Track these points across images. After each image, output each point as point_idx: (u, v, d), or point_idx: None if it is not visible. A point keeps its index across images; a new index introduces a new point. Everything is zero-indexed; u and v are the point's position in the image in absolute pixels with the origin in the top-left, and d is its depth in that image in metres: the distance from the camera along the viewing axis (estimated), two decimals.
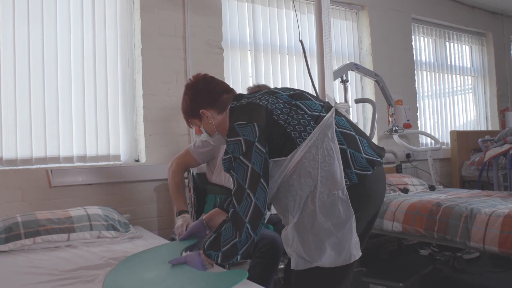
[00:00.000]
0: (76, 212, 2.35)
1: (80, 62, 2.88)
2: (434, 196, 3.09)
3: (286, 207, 1.53)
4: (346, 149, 1.50)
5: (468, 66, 5.58)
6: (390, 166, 4.11)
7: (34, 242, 2.13)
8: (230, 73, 3.48)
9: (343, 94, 3.46)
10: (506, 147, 3.85)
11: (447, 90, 5.27)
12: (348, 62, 3.63)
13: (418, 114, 4.78)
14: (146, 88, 3.01)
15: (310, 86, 2.52)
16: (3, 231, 2.13)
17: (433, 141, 4.66)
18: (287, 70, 3.85)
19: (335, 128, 1.52)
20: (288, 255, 1.55)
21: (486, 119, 5.72)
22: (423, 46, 5.07)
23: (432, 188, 3.63)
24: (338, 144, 1.49)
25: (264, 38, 3.73)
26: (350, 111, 3.54)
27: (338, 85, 3.70)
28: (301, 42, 2.41)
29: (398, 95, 4.38)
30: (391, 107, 3.79)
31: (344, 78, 3.40)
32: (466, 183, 4.57)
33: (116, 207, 2.68)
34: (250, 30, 3.66)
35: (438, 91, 5.16)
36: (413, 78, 4.72)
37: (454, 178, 4.65)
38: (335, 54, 4.15)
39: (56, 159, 2.76)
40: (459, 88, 5.47)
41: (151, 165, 2.97)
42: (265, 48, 3.72)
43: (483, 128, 5.62)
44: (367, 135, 1.75)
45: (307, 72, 2.53)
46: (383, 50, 4.43)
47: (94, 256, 1.96)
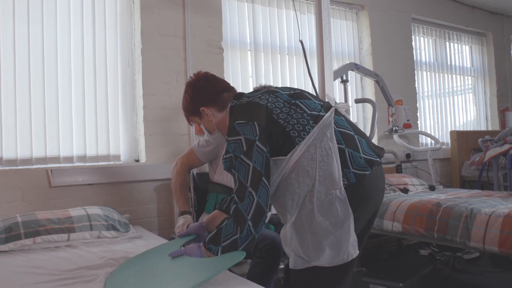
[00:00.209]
0: (76, 212, 2.35)
1: (80, 62, 2.88)
2: (434, 196, 3.09)
3: (284, 206, 1.53)
4: (344, 148, 1.50)
5: (468, 66, 5.58)
6: (390, 166, 4.11)
7: (34, 242, 2.13)
8: (230, 73, 3.48)
9: (343, 94, 3.46)
10: (506, 147, 3.85)
11: (447, 90, 5.27)
12: (348, 62, 3.63)
13: (418, 114, 4.77)
14: (146, 88, 3.01)
15: (310, 86, 2.52)
16: (3, 231, 2.13)
17: (433, 141, 4.65)
18: (287, 70, 3.85)
19: (334, 127, 1.52)
20: (287, 254, 1.55)
21: (486, 119, 5.72)
22: (423, 46, 5.07)
23: (432, 188, 3.63)
24: (336, 143, 1.49)
25: (264, 38, 3.73)
26: (350, 111, 3.54)
27: (338, 85, 3.70)
28: (301, 42, 2.41)
29: (398, 95, 4.38)
30: (391, 107, 3.79)
31: (344, 78, 3.40)
32: (466, 183, 4.57)
33: (116, 207, 2.68)
34: (250, 30, 3.66)
35: (438, 91, 5.16)
36: (413, 78, 4.72)
37: (454, 178, 4.65)
38: (335, 54, 4.15)
39: (56, 159, 2.76)
40: (459, 88, 5.47)
41: (151, 165, 2.97)
42: (265, 48, 3.72)
43: (483, 128, 5.62)
44: (367, 135, 1.75)
45: (307, 72, 2.53)
46: (383, 50, 4.43)
47: (94, 256, 1.96)
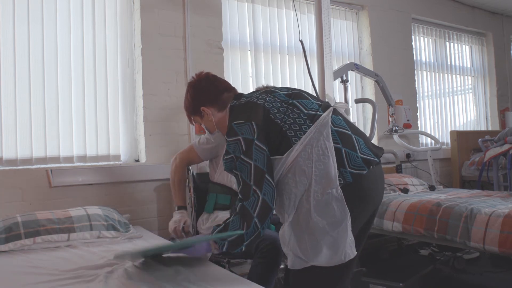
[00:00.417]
0: (76, 212, 2.34)
1: (80, 62, 2.88)
2: (434, 196, 3.09)
3: (282, 206, 1.53)
4: (341, 148, 1.50)
5: (468, 66, 5.58)
6: (390, 166, 4.11)
7: (34, 242, 2.13)
8: (230, 73, 3.48)
9: (343, 94, 3.46)
10: (506, 147, 3.85)
11: (447, 90, 5.27)
12: (348, 62, 3.63)
13: (418, 114, 4.77)
14: (146, 88, 3.00)
15: (310, 86, 2.52)
16: (3, 231, 2.13)
17: (433, 141, 4.65)
18: (287, 70, 3.85)
19: (331, 127, 1.53)
20: (285, 254, 1.56)
21: (486, 119, 5.72)
22: (423, 46, 5.07)
23: (432, 188, 3.63)
24: (333, 143, 1.49)
25: (264, 38, 3.73)
26: (350, 111, 3.53)
27: (338, 85, 3.70)
28: (301, 42, 2.41)
29: (398, 95, 4.38)
30: (391, 107, 3.79)
31: (344, 78, 3.40)
32: (466, 183, 4.57)
33: (116, 207, 2.68)
34: (250, 30, 3.66)
35: (438, 91, 5.15)
36: (413, 78, 4.72)
37: (454, 178, 4.65)
38: (335, 54, 4.15)
39: (56, 159, 2.76)
40: (459, 88, 5.47)
41: (151, 165, 2.97)
42: (265, 48, 3.72)
43: (483, 128, 5.61)
44: (367, 135, 1.75)
45: (307, 72, 2.53)
46: (383, 50, 4.43)
47: (94, 256, 1.96)
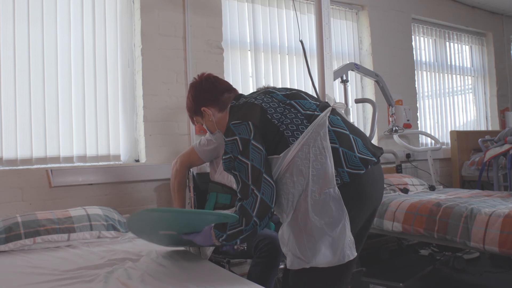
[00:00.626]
0: (76, 212, 2.35)
1: (80, 62, 2.88)
2: (434, 196, 3.08)
3: (280, 206, 1.54)
4: (338, 147, 1.51)
5: (468, 66, 5.58)
6: (390, 166, 4.11)
7: (34, 242, 2.13)
8: (230, 73, 3.48)
9: (343, 94, 3.46)
10: (506, 147, 3.84)
11: (447, 90, 5.27)
12: (348, 62, 3.63)
13: (418, 114, 4.77)
14: (146, 88, 3.00)
15: (310, 86, 2.51)
16: (3, 231, 2.13)
17: (433, 141, 4.65)
18: (287, 70, 3.85)
19: (329, 127, 1.53)
20: (285, 254, 1.56)
21: (486, 119, 5.72)
22: (423, 46, 5.07)
23: (432, 188, 3.63)
24: (330, 142, 1.50)
25: (264, 38, 3.73)
26: (350, 111, 3.53)
27: (338, 85, 3.70)
28: (301, 42, 2.41)
29: (398, 95, 4.38)
30: (391, 107, 3.79)
31: (344, 78, 3.40)
32: (466, 183, 4.57)
33: (116, 207, 2.68)
34: (250, 30, 3.66)
35: (438, 91, 5.15)
36: (413, 78, 4.71)
37: (454, 178, 4.65)
38: (335, 54, 4.15)
39: (56, 159, 2.76)
40: (459, 88, 5.47)
41: (151, 165, 2.97)
42: (265, 48, 3.72)
43: (483, 128, 5.61)
44: (367, 135, 1.75)
45: (307, 72, 2.52)
46: (383, 50, 4.43)
47: (94, 256, 1.96)
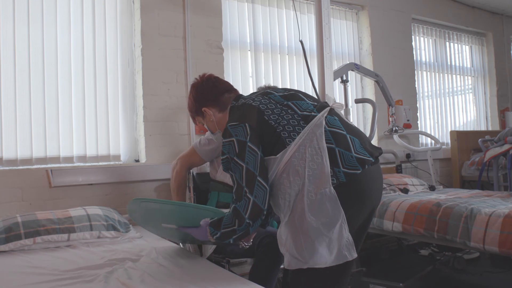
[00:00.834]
0: (76, 212, 2.35)
1: (80, 62, 2.88)
2: (434, 196, 3.08)
3: (278, 206, 1.56)
4: (334, 148, 1.51)
5: (468, 66, 5.58)
6: (390, 166, 4.11)
7: (34, 242, 2.13)
8: (230, 73, 3.48)
9: (343, 94, 3.46)
10: (506, 147, 3.84)
11: (447, 90, 5.26)
12: (348, 62, 3.63)
13: (418, 114, 4.77)
14: (146, 88, 3.00)
15: (310, 86, 2.51)
16: (3, 231, 2.13)
17: (433, 141, 4.65)
18: (287, 70, 3.85)
19: (325, 127, 1.54)
20: (283, 254, 1.57)
21: (486, 119, 5.72)
22: (423, 46, 5.07)
23: (432, 188, 3.63)
24: (326, 143, 1.51)
25: (264, 38, 3.73)
26: (350, 111, 3.53)
27: (338, 85, 3.70)
28: (301, 42, 2.41)
29: (398, 95, 4.38)
30: (391, 107, 3.79)
31: (344, 78, 3.40)
32: (466, 183, 4.57)
33: (116, 207, 2.68)
34: (250, 30, 3.66)
35: (438, 91, 5.15)
36: (413, 78, 4.71)
37: (454, 178, 4.65)
38: (335, 54, 4.15)
39: (56, 159, 2.76)
40: (459, 88, 5.47)
41: (151, 165, 2.97)
42: (265, 48, 3.72)
43: (483, 128, 5.61)
44: (367, 135, 1.76)
45: (307, 72, 2.52)
46: (383, 50, 4.43)
47: (94, 256, 1.96)
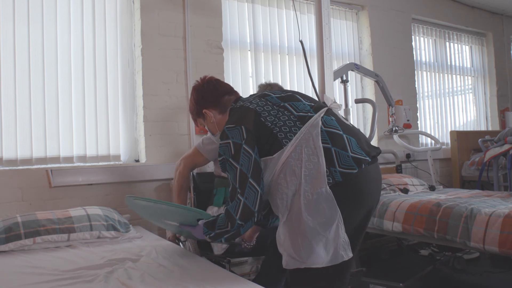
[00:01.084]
0: (76, 212, 2.35)
1: (80, 62, 2.88)
2: (434, 196, 3.08)
3: (276, 207, 1.57)
4: (330, 147, 1.52)
5: (468, 66, 5.58)
6: (390, 166, 4.11)
7: (34, 242, 2.13)
8: (230, 73, 3.48)
9: (343, 94, 3.46)
10: (506, 147, 3.84)
11: (447, 90, 5.26)
12: (348, 62, 3.63)
13: (418, 114, 4.77)
14: (146, 88, 3.01)
15: (310, 86, 2.52)
16: (3, 231, 2.13)
17: (433, 141, 4.65)
18: (287, 70, 3.84)
19: (322, 127, 1.55)
20: (281, 253, 1.58)
21: (486, 119, 5.72)
22: (423, 46, 5.07)
23: (432, 188, 3.62)
24: (322, 143, 1.52)
25: (264, 38, 3.73)
26: (350, 111, 3.53)
27: (338, 85, 3.69)
28: (301, 42, 2.41)
29: (398, 95, 4.38)
30: (391, 107, 3.79)
31: (344, 78, 3.40)
32: (466, 183, 4.57)
33: (116, 207, 2.68)
34: (250, 30, 3.66)
35: (438, 91, 5.15)
36: (413, 78, 4.71)
37: (454, 178, 4.65)
38: (335, 54, 4.14)
39: (56, 159, 2.76)
40: (459, 88, 5.47)
41: (151, 165, 2.97)
42: (265, 48, 3.72)
43: (483, 128, 5.61)
44: (366, 135, 1.77)
45: (307, 72, 2.52)
46: (383, 50, 4.43)
47: (94, 256, 1.96)
